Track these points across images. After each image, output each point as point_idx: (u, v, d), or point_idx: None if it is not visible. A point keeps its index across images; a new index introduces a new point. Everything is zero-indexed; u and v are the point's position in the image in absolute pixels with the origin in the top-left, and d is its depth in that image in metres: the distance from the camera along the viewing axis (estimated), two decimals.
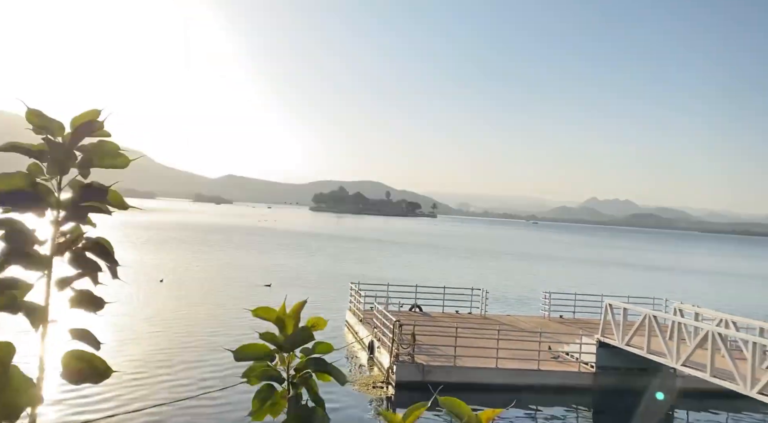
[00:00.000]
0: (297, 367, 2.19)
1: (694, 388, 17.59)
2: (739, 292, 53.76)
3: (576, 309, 26.84)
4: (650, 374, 17.84)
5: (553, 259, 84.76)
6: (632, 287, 44.59)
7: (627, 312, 17.97)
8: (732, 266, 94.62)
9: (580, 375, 17.67)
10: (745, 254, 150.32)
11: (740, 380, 12.94)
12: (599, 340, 17.90)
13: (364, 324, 21.89)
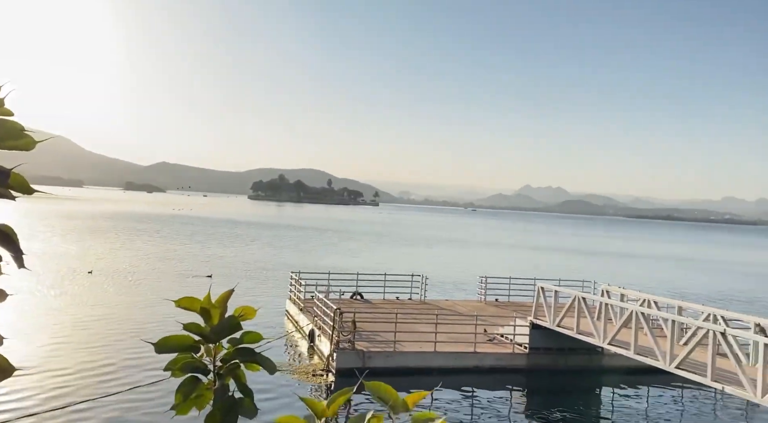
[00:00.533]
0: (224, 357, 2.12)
1: (620, 366, 18.60)
2: (661, 273, 57.19)
3: (510, 292, 27.72)
4: (580, 354, 18.72)
5: (490, 244, 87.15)
6: (563, 270, 46.54)
7: (558, 294, 18.73)
8: (654, 249, 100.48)
9: (513, 356, 18.31)
10: (665, 238, 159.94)
11: (661, 356, 13.77)
12: (532, 322, 18.58)
13: (305, 313, 21.76)
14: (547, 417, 14.95)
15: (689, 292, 41.59)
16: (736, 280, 54.74)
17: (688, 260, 78.97)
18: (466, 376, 17.37)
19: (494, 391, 16.48)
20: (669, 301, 18.42)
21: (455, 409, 14.79)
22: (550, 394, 16.98)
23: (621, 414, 15.64)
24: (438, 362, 17.53)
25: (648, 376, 18.16)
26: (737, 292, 43.92)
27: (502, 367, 18.02)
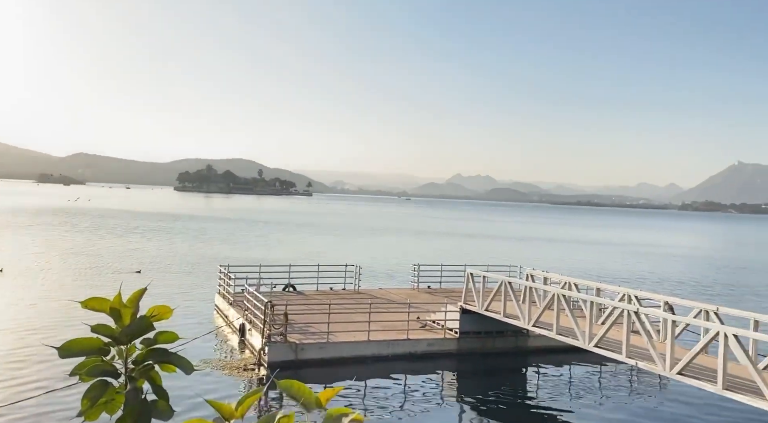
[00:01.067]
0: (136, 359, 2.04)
1: (544, 346, 19.50)
2: (581, 256, 60.23)
3: (442, 279, 28.33)
4: (507, 336, 19.46)
5: (422, 233, 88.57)
6: (492, 256, 48.09)
7: (486, 280, 19.33)
8: (575, 234, 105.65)
9: (444, 341, 18.78)
10: (586, 223, 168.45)
11: (580, 336, 14.53)
12: (462, 308, 19.10)
13: (235, 307, 21.32)
14: (476, 398, 15.46)
15: (607, 273, 44.09)
16: (648, 261, 58.54)
17: (605, 244, 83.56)
18: (399, 362, 17.64)
19: (426, 376, 16.85)
20: (588, 283, 19.41)
21: (387, 396, 15.00)
22: (479, 375, 17.56)
23: (545, 391, 16.40)
24: (371, 350, 17.69)
25: (570, 355, 19.14)
26: (649, 273, 47.00)
27: (433, 352, 18.44)
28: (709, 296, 34.91)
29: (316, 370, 16.42)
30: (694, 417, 14.58)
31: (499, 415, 14.44)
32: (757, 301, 34.50)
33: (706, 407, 14.97)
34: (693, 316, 14.56)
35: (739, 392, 10.84)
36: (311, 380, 15.54)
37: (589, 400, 15.81)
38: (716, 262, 61.80)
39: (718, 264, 59.98)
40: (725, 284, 42.34)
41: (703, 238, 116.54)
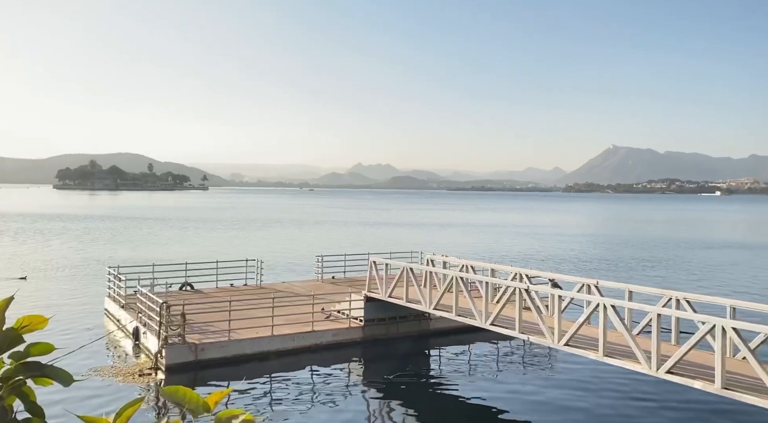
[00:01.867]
0: (5, 374, 1.86)
1: (446, 328, 20.28)
2: (477, 239, 63.12)
3: (346, 269, 28.47)
4: (410, 320, 19.99)
5: (325, 223, 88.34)
6: (394, 243, 49.04)
7: (389, 267, 19.68)
8: (471, 218, 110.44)
9: (350, 330, 18.93)
10: (480, 207, 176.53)
11: (477, 316, 15.26)
12: (366, 296, 19.33)
13: (127, 310, 20.10)
14: (381, 383, 15.77)
15: (501, 254, 46.56)
16: (536, 240, 62.56)
17: (498, 226, 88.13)
18: (305, 355, 17.56)
19: (332, 366, 16.91)
20: (484, 265, 20.37)
21: (293, 389, 14.89)
22: (385, 361, 17.92)
23: (447, 370, 17.08)
24: (276, 346, 17.45)
25: (469, 334, 20.05)
26: (537, 251, 50.25)
27: (339, 342, 18.54)
28: (589, 271, 38.00)
29: (217, 371, 15.92)
30: (580, 382, 15.84)
31: (404, 397, 14.84)
32: (631, 273, 38.07)
33: (590, 373, 16.33)
34: (576, 290, 15.79)
35: (617, 357, 11.93)
36: (213, 381, 15.08)
37: (487, 374, 16.68)
38: (595, 239, 67.31)
39: (597, 240, 65.38)
40: (603, 259, 46.26)
41: (583, 218, 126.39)
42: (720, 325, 10.09)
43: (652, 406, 14.05)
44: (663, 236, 72.11)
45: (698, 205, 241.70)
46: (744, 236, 75.66)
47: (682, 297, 13.51)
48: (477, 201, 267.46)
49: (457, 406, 14.41)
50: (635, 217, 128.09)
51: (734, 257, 48.61)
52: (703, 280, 35.60)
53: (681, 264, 43.72)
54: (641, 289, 15.11)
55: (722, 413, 13.31)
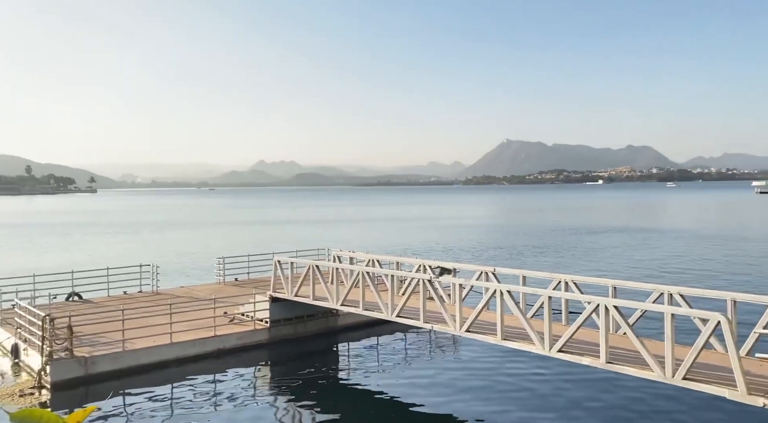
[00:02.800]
0: None
1: (354, 323, 20.37)
2: (383, 233, 63.99)
3: (250, 270, 27.70)
4: (318, 318, 19.85)
5: (226, 223, 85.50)
6: (300, 242, 48.43)
7: (294, 265, 19.39)
8: (378, 212, 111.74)
9: (255, 332, 18.44)
10: (385, 202, 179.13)
11: (384, 308, 15.43)
12: (271, 296, 18.92)
13: (4, 326, 18.26)
14: (289, 383, 15.51)
15: (406, 247, 47.49)
16: (439, 232, 64.54)
17: (403, 219, 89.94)
18: (207, 361, 16.87)
19: (237, 371, 16.39)
20: (390, 258, 20.64)
21: (194, 398, 14.26)
22: (293, 361, 17.64)
23: (356, 364, 17.14)
24: (175, 353, 16.61)
25: (377, 328, 20.28)
26: (440, 243, 51.84)
27: (244, 345, 18.00)
28: (487, 259, 39.79)
29: (112, 384, 14.88)
30: (482, 365, 16.53)
31: (314, 396, 14.70)
32: (525, 259, 40.32)
33: (491, 356, 17.09)
34: (476, 278, 16.43)
35: (514, 340, 12.56)
36: (106, 395, 14.07)
37: (396, 365, 16.94)
38: (492, 229, 70.62)
39: (494, 230, 68.63)
40: (500, 247, 48.62)
41: (481, 209, 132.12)
42: (603, 304, 10.90)
43: (547, 383, 14.95)
44: (553, 223, 77.04)
45: (583, 194, 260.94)
46: (621, 221, 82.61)
47: (570, 279, 14.47)
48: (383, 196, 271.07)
49: (367, 400, 14.51)
50: (528, 207, 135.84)
51: (614, 240, 52.96)
52: (588, 262, 38.44)
53: (569, 248, 46.95)
54: (534, 274, 16.01)
55: (608, 385, 14.43)
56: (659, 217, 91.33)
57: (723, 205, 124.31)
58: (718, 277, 30.88)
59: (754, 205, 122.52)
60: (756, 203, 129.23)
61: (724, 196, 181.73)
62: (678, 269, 34.33)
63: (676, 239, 52.56)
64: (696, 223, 73.09)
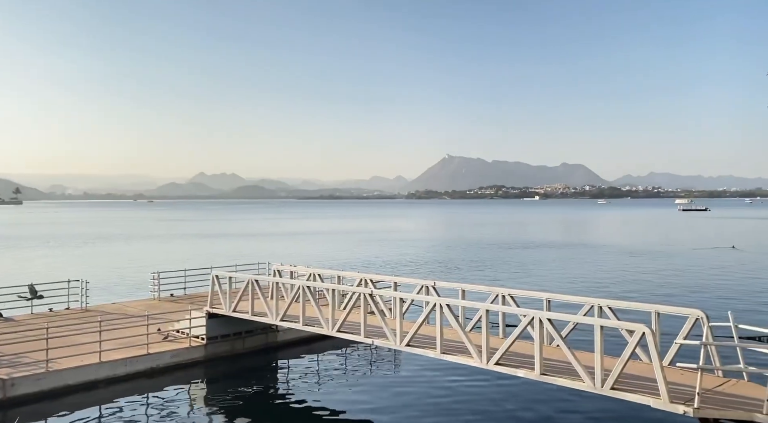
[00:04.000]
0: None
1: (294, 338, 20.07)
2: (326, 247, 63.59)
3: (187, 285, 26.86)
4: (257, 335, 19.43)
5: (162, 237, 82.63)
6: (240, 256, 47.46)
7: (233, 280, 18.95)
8: (321, 226, 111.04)
9: (190, 350, 17.84)
10: (329, 215, 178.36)
11: (324, 323, 15.31)
12: (208, 312, 18.40)
13: None
14: (226, 402, 15.07)
15: (348, 261, 47.42)
16: (381, 246, 64.83)
17: (346, 233, 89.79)
18: (140, 381, 16.15)
19: (171, 390, 15.78)
20: (331, 272, 20.53)
21: (126, 420, 13.61)
22: (230, 379, 17.16)
23: (296, 381, 16.87)
24: (104, 373, 15.81)
25: (318, 343, 20.08)
26: (382, 256, 52.05)
27: (179, 363, 17.36)
28: (428, 273, 40.29)
29: (33, 407, 13.99)
30: (422, 379, 16.65)
31: (251, 414, 14.34)
32: (464, 273, 41.10)
33: (431, 369, 17.25)
34: (416, 292, 16.59)
35: (453, 354, 12.74)
36: (27, 419, 13.21)
37: (336, 381, 16.80)
38: (434, 242, 71.64)
39: (435, 244, 69.64)
40: (440, 261, 49.37)
41: (423, 223, 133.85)
42: (537, 317, 11.26)
43: (485, 395, 15.21)
44: (491, 238, 79.00)
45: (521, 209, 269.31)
46: (556, 236, 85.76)
47: (507, 293, 14.86)
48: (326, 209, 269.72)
49: (306, 417, 14.28)
50: (468, 221, 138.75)
51: (549, 254, 54.88)
52: (524, 276, 39.63)
53: (506, 262, 48.24)
54: (473, 288, 16.33)
55: (543, 395, 14.86)
56: (591, 233, 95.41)
57: (649, 222, 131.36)
58: (643, 290, 32.51)
59: (677, 221, 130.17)
60: (679, 220, 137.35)
61: (650, 213, 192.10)
62: (607, 283, 35.93)
63: (606, 254, 55.04)
64: (624, 239, 76.84)
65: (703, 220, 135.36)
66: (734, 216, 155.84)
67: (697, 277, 38.41)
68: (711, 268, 43.20)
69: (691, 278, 37.68)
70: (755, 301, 28.89)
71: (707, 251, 56.48)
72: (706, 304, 26.05)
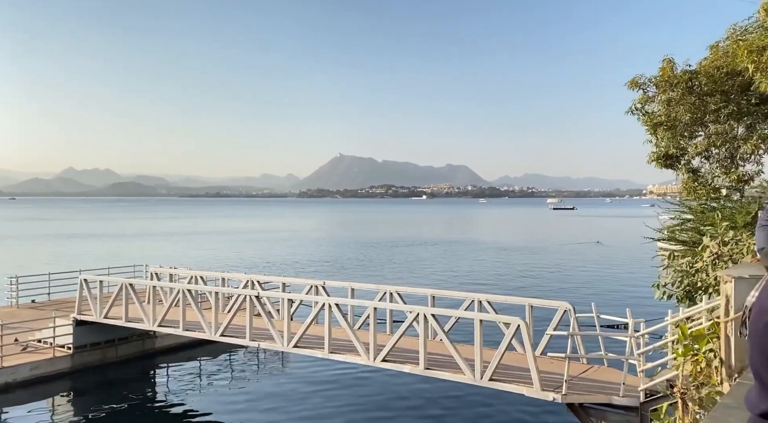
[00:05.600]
0: None
1: (174, 344, 18.98)
2: (211, 247, 61.01)
3: (51, 290, 24.42)
4: (132, 342, 18.14)
5: (24, 238, 74.72)
6: (114, 258, 44.09)
7: (105, 284, 17.52)
8: (205, 226, 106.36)
9: (54, 361, 16.23)
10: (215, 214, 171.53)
11: (207, 328, 14.62)
12: (76, 319, 16.87)
13: None
14: (95, 415, 13.89)
15: (235, 262, 45.86)
16: (271, 245, 63.50)
17: (234, 233, 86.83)
18: None
19: (32, 405, 14.25)
20: (215, 275, 19.69)
21: None
22: (101, 390, 15.84)
23: (176, 389, 15.97)
24: None
25: (200, 348, 19.16)
26: (272, 257, 51.00)
27: (40, 376, 15.74)
28: (318, 272, 40.09)
29: None
30: (310, 379, 16.49)
31: None
32: (354, 271, 41.42)
33: (320, 370, 17.13)
34: (305, 292, 16.39)
35: (341, 353, 12.72)
36: None
37: (219, 387, 16.14)
38: (325, 242, 71.47)
39: (326, 243, 69.52)
40: (331, 260, 49.36)
41: (314, 222, 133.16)
42: (422, 313, 11.57)
43: (373, 392, 15.38)
44: (381, 236, 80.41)
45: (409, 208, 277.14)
46: (441, 234, 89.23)
47: (395, 290, 15.12)
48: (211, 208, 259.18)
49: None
50: (359, 220, 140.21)
51: (434, 251, 56.94)
52: (411, 273, 40.76)
53: (394, 260, 49.34)
54: (362, 286, 16.45)
55: (429, 388, 15.32)
56: (472, 231, 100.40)
57: (524, 220, 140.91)
58: (519, 285, 34.75)
59: (549, 219, 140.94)
60: (550, 218, 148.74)
61: (525, 212, 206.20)
62: (487, 278, 37.97)
63: (486, 250, 58.18)
64: (502, 237, 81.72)
65: (572, 217, 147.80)
66: (597, 214, 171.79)
67: (566, 270, 41.79)
68: (579, 262, 47.19)
69: (560, 272, 40.90)
70: (616, 292, 31.96)
71: (575, 246, 61.63)
72: (574, 297, 28.38)
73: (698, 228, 15.95)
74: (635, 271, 39.60)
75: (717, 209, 15.60)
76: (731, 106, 15.49)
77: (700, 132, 16.61)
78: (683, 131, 16.40)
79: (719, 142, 15.98)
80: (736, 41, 12.93)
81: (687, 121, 15.97)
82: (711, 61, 15.96)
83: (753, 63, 11.36)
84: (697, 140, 16.49)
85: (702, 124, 16.34)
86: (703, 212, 16.19)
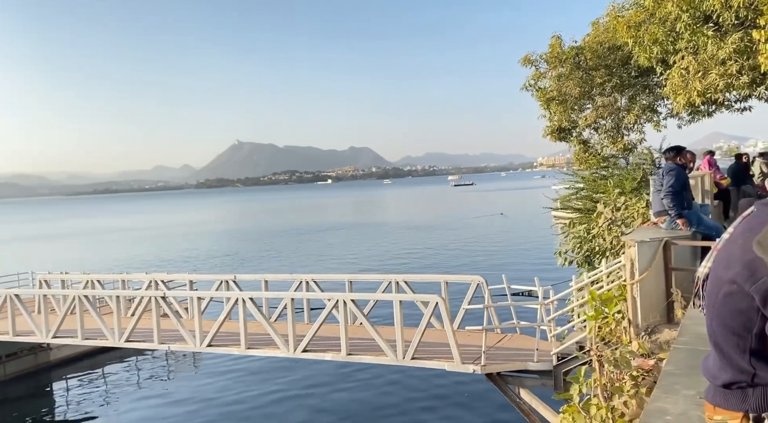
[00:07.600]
0: None
1: (73, 355, 17.54)
2: (106, 248, 56.95)
3: None
4: (22, 357, 16.54)
5: None
6: None
7: None
8: (96, 225, 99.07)
9: None
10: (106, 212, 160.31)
11: (109, 334, 13.56)
12: None
13: None
14: None
15: (134, 262, 43.14)
16: (170, 242, 60.41)
17: (129, 230, 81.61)
18: None
19: None
20: (114, 277, 18.33)
21: None
22: None
23: (77, 402, 14.78)
24: None
25: (104, 356, 17.88)
26: (173, 254, 48.55)
27: None
28: (227, 266, 38.72)
29: None
30: (225, 377, 15.90)
31: None
32: (265, 262, 40.44)
33: (237, 368, 16.56)
34: (215, 288, 15.67)
35: (259, 347, 12.31)
36: None
37: (126, 395, 15.15)
38: (230, 234, 69.12)
39: (232, 235, 67.27)
40: (238, 253, 47.83)
41: (215, 213, 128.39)
42: (341, 300, 11.42)
43: (294, 384, 15.11)
44: (289, 224, 79.12)
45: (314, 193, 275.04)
46: (349, 217, 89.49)
47: (311, 278, 14.83)
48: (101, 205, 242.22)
49: None
50: (263, 208, 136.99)
51: (345, 235, 56.95)
52: (324, 259, 40.48)
53: (306, 247, 48.76)
54: (276, 277, 16.01)
55: (352, 375, 15.30)
56: (380, 212, 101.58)
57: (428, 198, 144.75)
58: (432, 262, 35.62)
59: (452, 196, 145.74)
60: (453, 194, 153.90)
61: (429, 190, 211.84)
62: (399, 258, 38.57)
63: (395, 230, 59.07)
64: (409, 216, 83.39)
65: (473, 193, 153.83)
66: (496, 188, 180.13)
67: (475, 244, 43.39)
68: (486, 235, 49.13)
69: (470, 246, 42.39)
70: (523, 261, 33.63)
71: (481, 220, 64.10)
72: (485, 269, 29.53)
73: (591, 196, 17.09)
74: (537, 239, 41.92)
75: (607, 177, 16.77)
76: (614, 79, 16.59)
77: (588, 105, 17.69)
78: (573, 105, 17.39)
79: (606, 114, 17.11)
80: (615, 17, 13.75)
81: (576, 95, 16.93)
82: (593, 36, 16.98)
83: (632, 38, 12.11)
84: (586, 113, 17.55)
85: (590, 97, 17.40)
86: (595, 181, 17.36)
